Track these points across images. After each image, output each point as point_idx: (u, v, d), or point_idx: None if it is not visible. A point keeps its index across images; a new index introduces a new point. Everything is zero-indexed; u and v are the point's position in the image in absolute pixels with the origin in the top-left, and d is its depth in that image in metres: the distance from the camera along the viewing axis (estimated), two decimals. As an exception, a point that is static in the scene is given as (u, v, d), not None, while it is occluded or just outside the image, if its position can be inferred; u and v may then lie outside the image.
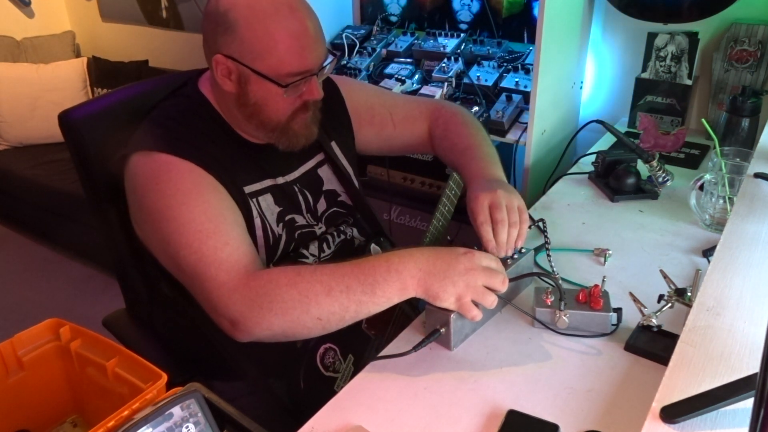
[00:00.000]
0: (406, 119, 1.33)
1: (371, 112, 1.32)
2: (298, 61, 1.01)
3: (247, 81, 1.03)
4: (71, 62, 3.33)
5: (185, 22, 3.12)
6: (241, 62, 1.01)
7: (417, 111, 1.34)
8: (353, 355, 1.13)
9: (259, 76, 1.02)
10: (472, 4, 2.15)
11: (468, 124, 1.30)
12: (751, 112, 1.55)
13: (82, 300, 2.63)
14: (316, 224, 1.20)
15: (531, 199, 1.63)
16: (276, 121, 1.08)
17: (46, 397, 1.03)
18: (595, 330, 1.00)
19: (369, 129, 1.32)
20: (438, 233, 1.30)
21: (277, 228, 1.13)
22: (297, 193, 1.18)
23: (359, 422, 0.85)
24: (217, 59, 1.03)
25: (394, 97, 1.39)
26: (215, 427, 0.78)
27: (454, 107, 1.36)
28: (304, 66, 1.02)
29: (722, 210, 1.28)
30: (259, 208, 1.10)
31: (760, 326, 0.73)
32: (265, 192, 1.12)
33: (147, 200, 1.01)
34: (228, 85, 1.04)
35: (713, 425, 0.62)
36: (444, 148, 1.28)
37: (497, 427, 0.84)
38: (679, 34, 1.75)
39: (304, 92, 1.06)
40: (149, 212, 1.01)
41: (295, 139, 1.11)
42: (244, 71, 1.02)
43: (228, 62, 1.02)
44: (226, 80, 1.04)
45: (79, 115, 1.16)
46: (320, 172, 1.23)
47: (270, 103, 1.05)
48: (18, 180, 3.01)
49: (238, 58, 1.01)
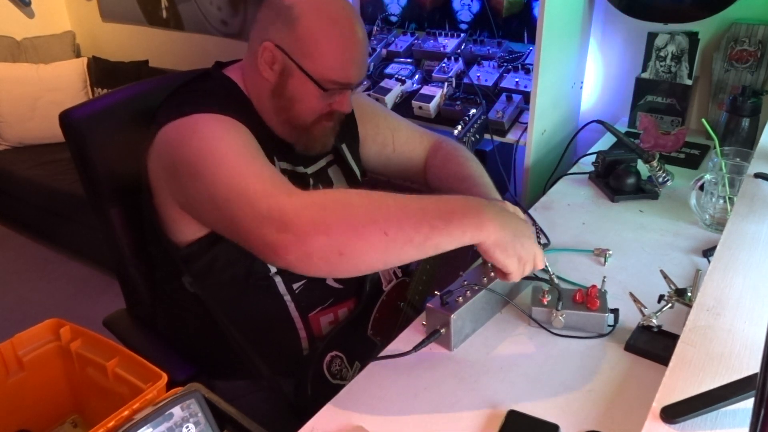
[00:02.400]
0: (407, 144, 1.35)
1: (376, 130, 1.34)
2: (343, 72, 1.06)
3: (290, 75, 1.06)
4: (71, 62, 3.33)
5: (185, 22, 3.12)
6: (290, 55, 1.04)
7: (418, 139, 1.36)
8: (360, 362, 1.14)
9: (303, 73, 1.05)
10: (472, 4, 2.15)
11: (469, 159, 1.32)
12: (751, 112, 1.55)
13: (82, 300, 2.63)
14: None
15: (531, 199, 1.63)
16: (302, 121, 1.10)
17: (47, 397, 1.03)
18: (591, 330, 1.00)
19: (372, 145, 1.34)
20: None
21: None
22: (311, 185, 1.19)
23: (359, 422, 0.85)
24: (265, 45, 1.05)
25: (399, 121, 1.40)
26: (215, 427, 0.78)
27: (456, 143, 1.39)
28: (346, 78, 1.07)
29: (722, 210, 1.28)
30: None
31: (760, 326, 0.73)
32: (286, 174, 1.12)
33: (185, 151, 0.97)
34: (268, 72, 1.07)
35: (713, 425, 0.62)
36: (442, 176, 1.29)
37: (497, 427, 0.84)
38: (679, 34, 1.75)
39: (336, 102, 1.09)
40: (188, 161, 0.96)
41: (313, 143, 1.14)
42: (289, 64, 1.05)
43: (276, 52, 1.05)
44: (268, 68, 1.07)
45: (79, 115, 1.16)
46: (330, 172, 1.24)
47: (304, 101, 1.08)
48: (18, 180, 3.01)
49: (288, 51, 1.04)
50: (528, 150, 1.69)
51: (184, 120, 1.00)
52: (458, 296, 0.99)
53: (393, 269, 1.27)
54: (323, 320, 1.16)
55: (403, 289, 1.22)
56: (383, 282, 1.23)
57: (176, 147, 0.99)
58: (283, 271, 1.11)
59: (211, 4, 2.96)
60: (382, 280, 1.23)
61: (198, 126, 0.99)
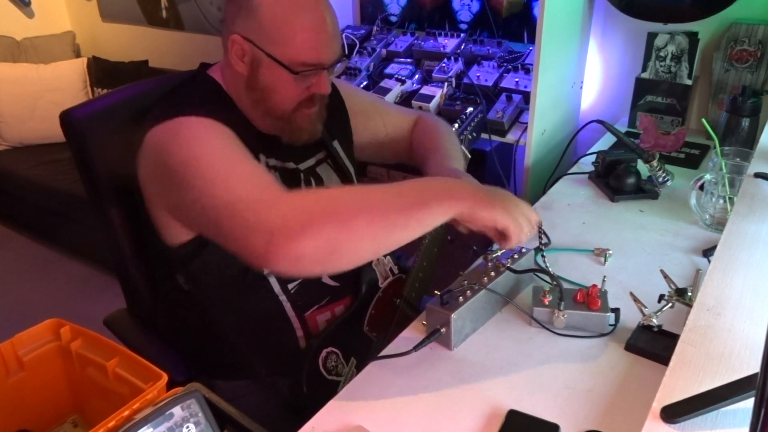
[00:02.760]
0: (398, 127, 1.36)
1: (366, 116, 1.34)
2: (312, 52, 1.04)
3: (260, 64, 1.05)
4: (71, 62, 3.33)
5: (185, 22, 3.12)
6: (256, 45, 1.04)
7: (405, 119, 1.38)
8: (355, 358, 1.13)
9: (272, 60, 1.04)
10: (472, 4, 2.15)
11: (445, 133, 1.33)
12: (751, 112, 1.55)
13: (83, 300, 2.63)
14: None
15: (531, 199, 1.63)
16: (282, 110, 1.09)
17: (47, 397, 1.03)
18: (592, 330, 1.00)
19: (364, 133, 1.34)
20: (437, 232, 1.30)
21: None
22: (302, 181, 1.18)
23: (359, 422, 0.85)
24: (233, 39, 1.05)
25: (387, 106, 1.42)
26: (215, 427, 0.78)
27: (435, 118, 1.40)
28: (317, 59, 1.05)
29: (722, 210, 1.28)
30: None
31: (760, 326, 0.73)
32: (276, 170, 1.12)
33: (170, 156, 0.98)
34: (240, 66, 1.07)
35: (713, 425, 0.62)
36: (418, 149, 1.31)
37: (497, 427, 0.84)
38: (679, 34, 1.75)
39: (313, 85, 1.08)
40: (173, 167, 0.97)
41: (298, 133, 1.12)
42: (258, 54, 1.04)
43: (244, 44, 1.05)
44: (239, 61, 1.06)
45: (80, 115, 1.16)
46: (320, 171, 1.24)
47: (278, 90, 1.07)
48: (18, 180, 3.01)
49: (255, 41, 1.04)
50: (528, 150, 1.69)
51: (167, 123, 1.00)
52: (458, 296, 0.99)
53: (390, 266, 1.27)
54: (320, 319, 1.16)
55: (400, 286, 1.22)
56: (380, 279, 1.23)
57: (161, 152, 1.00)
58: None
59: (211, 4, 2.96)
60: (379, 277, 1.23)
61: (181, 130, 0.99)
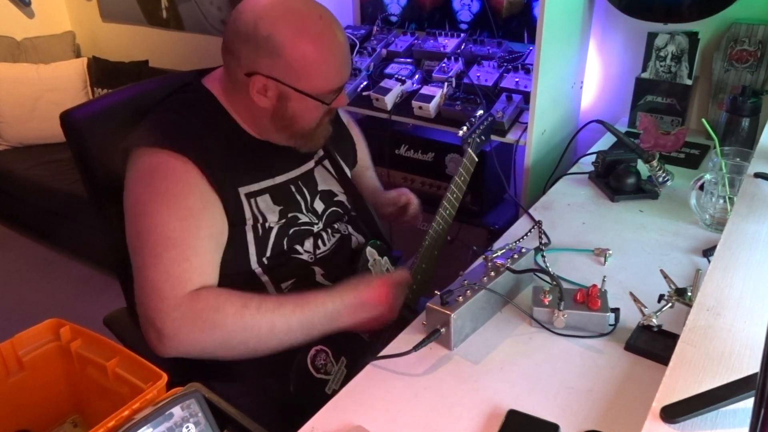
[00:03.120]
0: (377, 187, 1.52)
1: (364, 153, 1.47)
2: (338, 78, 1.10)
3: (288, 99, 1.08)
4: (71, 62, 3.33)
5: (185, 22, 3.12)
6: (283, 82, 1.06)
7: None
8: (346, 357, 1.13)
9: (301, 94, 1.07)
10: (472, 4, 2.15)
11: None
12: (751, 112, 1.55)
13: (82, 300, 2.63)
14: (316, 222, 1.20)
15: (531, 199, 1.63)
16: (307, 129, 1.14)
17: (47, 397, 1.03)
18: (592, 330, 1.00)
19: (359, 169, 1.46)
20: (438, 235, 1.30)
21: (277, 225, 1.13)
22: (294, 192, 1.19)
23: (359, 422, 0.85)
24: (255, 80, 1.06)
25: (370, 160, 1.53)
26: (215, 427, 0.78)
27: None
28: (341, 83, 1.11)
29: (722, 210, 1.28)
30: (257, 208, 1.11)
31: (760, 326, 0.73)
32: (264, 193, 1.13)
33: (135, 192, 1.05)
34: (263, 101, 1.08)
35: (713, 425, 0.62)
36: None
37: (497, 427, 0.84)
38: (679, 34, 1.75)
39: (334, 102, 1.13)
40: (134, 203, 1.04)
41: (318, 141, 1.19)
42: (285, 90, 1.07)
43: (268, 81, 1.06)
44: (262, 97, 1.08)
45: (80, 115, 1.16)
46: (316, 173, 1.24)
47: (306, 117, 1.11)
48: (18, 180, 3.01)
49: (281, 79, 1.05)
50: (528, 150, 1.69)
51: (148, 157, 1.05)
52: (458, 296, 0.99)
53: (387, 267, 1.27)
54: None
55: None
56: None
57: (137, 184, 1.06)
58: (270, 271, 1.13)
59: (211, 4, 2.96)
60: None
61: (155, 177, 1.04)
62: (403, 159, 2.04)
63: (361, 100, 1.97)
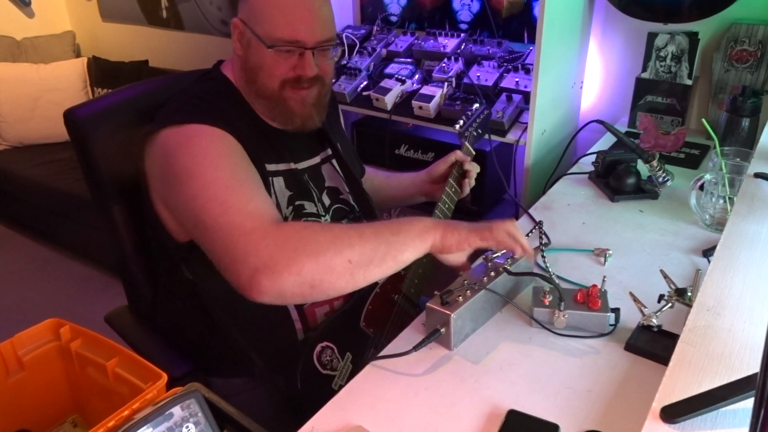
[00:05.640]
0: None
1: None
2: (288, 28, 1.07)
3: (249, 43, 1.10)
4: (71, 62, 3.33)
5: (185, 22, 3.12)
6: (248, 25, 1.09)
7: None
8: (351, 353, 1.14)
9: (255, 37, 1.08)
10: (472, 4, 2.15)
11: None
12: (751, 112, 1.55)
13: (83, 300, 2.63)
14: (323, 215, 1.21)
15: (531, 199, 1.63)
16: (269, 89, 1.11)
17: (47, 397, 1.03)
18: (593, 330, 1.00)
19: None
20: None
21: (286, 211, 1.14)
22: (308, 181, 1.20)
23: (359, 422, 0.85)
24: (234, 22, 1.12)
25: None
26: (215, 426, 0.78)
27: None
28: (294, 35, 1.07)
29: (722, 210, 1.28)
30: (273, 189, 1.13)
31: (760, 326, 0.73)
32: (279, 174, 1.15)
33: (176, 163, 1.02)
34: (239, 48, 1.12)
35: (713, 425, 0.62)
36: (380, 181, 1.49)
37: (497, 427, 0.84)
38: (679, 34, 1.75)
39: (297, 66, 1.10)
40: (177, 174, 1.01)
41: (291, 116, 1.15)
42: (248, 34, 1.10)
43: (242, 26, 1.11)
44: (239, 44, 1.12)
45: (83, 114, 1.17)
46: (323, 170, 1.25)
47: (263, 68, 1.10)
48: (18, 180, 3.01)
49: (246, 21, 1.10)
50: (528, 150, 1.69)
51: (181, 128, 1.03)
52: (458, 296, 0.99)
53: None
54: (319, 311, 1.16)
55: (399, 281, 1.22)
56: None
57: (169, 155, 1.03)
58: None
59: (211, 4, 2.96)
60: None
61: (192, 138, 1.02)
62: (403, 159, 2.04)
63: (361, 100, 1.97)
